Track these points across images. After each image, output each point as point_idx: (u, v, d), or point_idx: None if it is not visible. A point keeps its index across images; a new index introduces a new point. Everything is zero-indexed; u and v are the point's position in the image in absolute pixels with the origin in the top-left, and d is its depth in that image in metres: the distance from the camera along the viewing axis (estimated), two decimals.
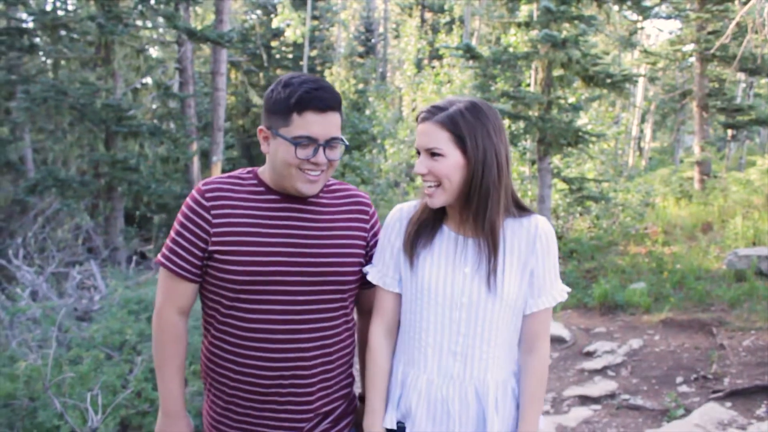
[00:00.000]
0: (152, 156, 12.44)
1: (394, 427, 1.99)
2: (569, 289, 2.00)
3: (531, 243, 1.90)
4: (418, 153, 1.89)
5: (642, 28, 16.45)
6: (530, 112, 8.82)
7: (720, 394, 5.12)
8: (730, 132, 17.73)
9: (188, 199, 1.94)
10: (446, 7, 23.93)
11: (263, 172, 1.99)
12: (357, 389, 2.22)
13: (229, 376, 1.95)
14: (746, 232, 10.23)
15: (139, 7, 11.44)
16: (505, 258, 1.89)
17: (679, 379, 5.58)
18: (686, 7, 15.31)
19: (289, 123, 1.83)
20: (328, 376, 2.01)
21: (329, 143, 1.87)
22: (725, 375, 5.49)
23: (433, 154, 1.84)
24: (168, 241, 1.96)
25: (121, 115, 10.77)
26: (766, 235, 9.95)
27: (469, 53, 8.18)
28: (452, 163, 1.83)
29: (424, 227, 1.95)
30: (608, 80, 8.55)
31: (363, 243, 2.06)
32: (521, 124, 9.28)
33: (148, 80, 15.14)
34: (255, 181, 1.97)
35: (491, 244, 1.86)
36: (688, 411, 4.96)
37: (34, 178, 10.71)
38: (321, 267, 1.93)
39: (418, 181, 14.39)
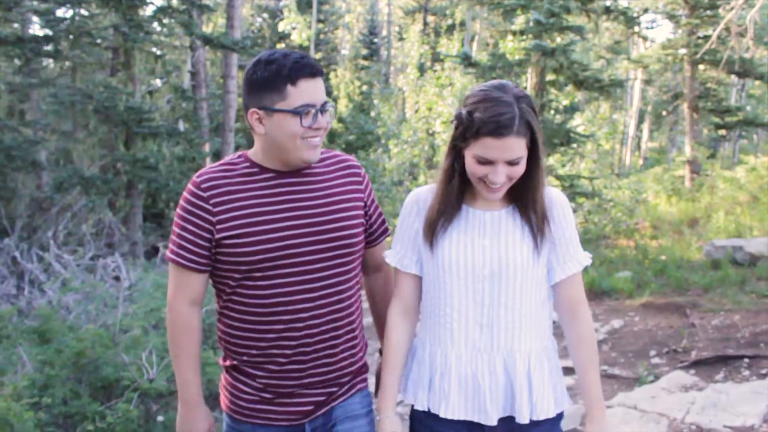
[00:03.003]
0: (169, 156, 13.16)
1: (425, 409, 2.00)
2: (590, 255, 2.08)
3: (548, 212, 1.95)
4: (483, 162, 1.86)
5: (638, 32, 17.10)
6: None
7: (686, 363, 5.81)
8: (723, 131, 18.41)
9: (185, 194, 1.96)
10: (448, 12, 24.63)
11: (254, 153, 2.01)
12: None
13: (252, 353, 2.00)
14: (728, 226, 10.93)
15: (158, 15, 12.15)
16: (524, 228, 1.95)
17: (652, 353, 6.27)
18: (677, 13, 16.01)
19: (285, 96, 1.86)
20: (354, 333, 2.10)
21: (323, 107, 1.91)
22: (693, 349, 6.17)
23: (513, 162, 1.85)
24: (173, 237, 1.98)
25: (142, 117, 11.48)
26: (746, 229, 10.64)
27: (467, 61, 8.89)
28: (524, 161, 1.87)
29: (444, 210, 1.97)
30: (597, 85, 9.24)
31: (361, 204, 2.11)
32: None
33: (158, 82, 15.86)
34: (247, 163, 1.99)
35: (539, 215, 1.93)
36: (657, 378, 5.64)
37: (60, 176, 11.42)
38: (329, 234, 1.97)
39: (421, 179, 15.08)
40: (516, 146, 1.81)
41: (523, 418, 1.92)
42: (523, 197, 1.93)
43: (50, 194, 11.60)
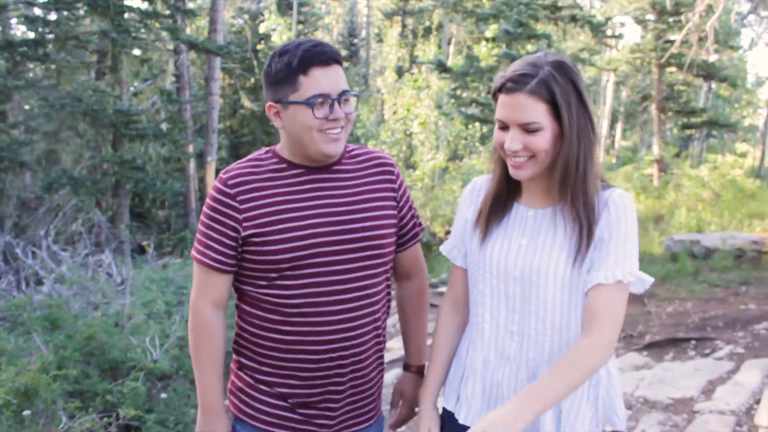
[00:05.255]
0: (156, 156, 13.57)
1: (450, 410, 1.89)
2: (649, 279, 1.72)
3: (598, 213, 1.67)
4: (501, 127, 1.70)
5: (602, 40, 17.74)
6: None
7: (639, 346, 6.37)
8: (690, 131, 19.15)
9: (212, 192, 1.87)
10: (425, 15, 25.20)
11: (281, 148, 1.91)
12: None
13: (276, 356, 1.90)
14: (690, 222, 11.59)
15: (144, 20, 12.55)
16: (565, 230, 1.70)
17: None
18: (646, 18, 16.69)
19: (297, 87, 1.76)
20: (379, 339, 1.99)
21: (342, 97, 1.80)
22: (647, 333, 6.74)
23: (528, 129, 1.64)
24: (199, 236, 1.89)
25: (129, 120, 11.88)
26: (706, 224, 11.30)
27: (441, 66, 9.40)
28: (551, 136, 1.64)
29: (498, 202, 1.80)
30: None
31: (394, 204, 1.98)
32: (489, 127, 10.52)
33: (137, 84, 16.23)
34: (275, 159, 1.90)
35: (583, 215, 1.66)
36: None
37: (49, 177, 11.80)
38: (359, 233, 1.87)
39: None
40: (527, 107, 1.61)
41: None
42: (564, 192, 1.68)
43: (39, 194, 11.97)
